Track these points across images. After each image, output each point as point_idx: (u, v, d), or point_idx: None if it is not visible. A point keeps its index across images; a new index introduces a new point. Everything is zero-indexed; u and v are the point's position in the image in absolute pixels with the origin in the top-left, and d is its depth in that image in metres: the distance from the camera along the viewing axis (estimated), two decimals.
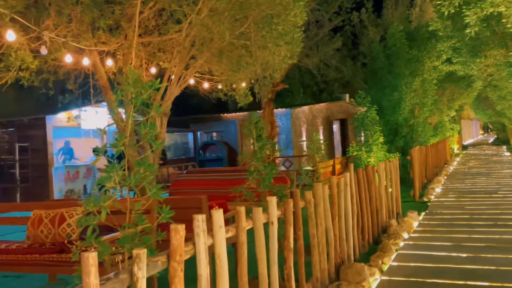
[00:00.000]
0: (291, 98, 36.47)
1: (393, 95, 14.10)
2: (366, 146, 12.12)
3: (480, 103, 34.94)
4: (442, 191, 12.48)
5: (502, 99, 19.48)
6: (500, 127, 36.99)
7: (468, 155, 27.09)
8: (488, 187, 12.63)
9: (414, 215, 8.66)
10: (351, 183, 6.34)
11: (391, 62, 14.49)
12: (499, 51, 10.52)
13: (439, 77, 16.42)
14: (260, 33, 8.98)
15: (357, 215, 6.53)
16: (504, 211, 8.94)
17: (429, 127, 16.56)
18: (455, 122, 29.20)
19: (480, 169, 17.84)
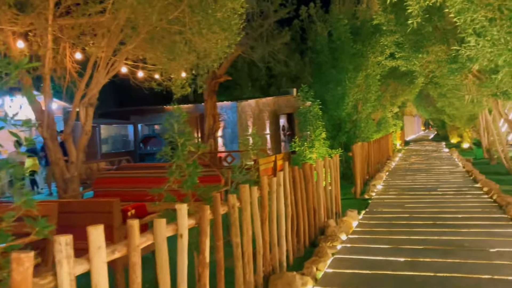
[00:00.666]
0: (239, 91, 35.90)
1: (336, 90, 13.85)
2: (308, 142, 11.76)
3: (422, 100, 35.85)
4: (383, 187, 12.35)
5: (443, 96, 19.80)
6: (440, 124, 38.21)
7: (410, 150, 27.65)
8: (428, 184, 12.63)
9: (353, 214, 8.34)
10: (286, 182, 5.85)
11: (335, 56, 14.23)
12: (441, 47, 10.41)
13: (383, 73, 16.38)
14: (195, 18, 8.32)
15: (292, 217, 6.05)
16: (443, 210, 8.80)
17: (372, 123, 16.52)
18: (398, 118, 29.74)
19: (421, 165, 18.06)
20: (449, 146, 29.54)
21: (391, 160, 19.66)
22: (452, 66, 10.07)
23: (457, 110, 21.19)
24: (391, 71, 18.17)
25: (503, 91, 9.56)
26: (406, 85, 19.29)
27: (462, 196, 10.27)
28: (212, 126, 15.81)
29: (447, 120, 28.69)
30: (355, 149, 11.38)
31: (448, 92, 16.31)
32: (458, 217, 8.04)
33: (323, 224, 7.41)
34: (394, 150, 24.91)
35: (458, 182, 12.54)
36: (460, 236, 6.72)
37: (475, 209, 8.73)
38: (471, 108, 16.53)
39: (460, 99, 16.34)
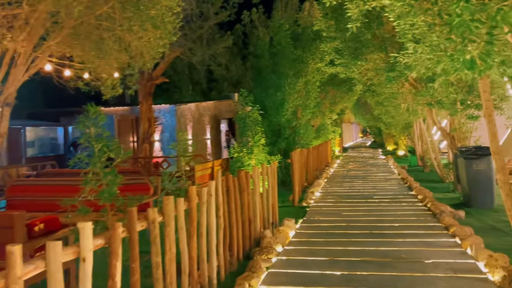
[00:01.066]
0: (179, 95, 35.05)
1: (276, 95, 13.65)
2: (247, 148, 11.42)
3: (360, 108, 36.78)
4: (321, 195, 12.25)
5: (380, 104, 20.23)
6: (377, 131, 39.37)
7: (348, 157, 28.14)
8: (365, 191, 12.68)
9: (291, 223, 8.06)
10: (218, 192, 5.43)
11: (275, 61, 14.04)
12: (379, 55, 10.46)
13: (322, 80, 16.43)
14: (126, 14, 7.74)
15: (225, 229, 5.64)
16: (379, 218, 8.74)
17: (312, 130, 16.50)
18: (337, 125, 30.24)
19: (358, 172, 18.28)
20: (385, 153, 30.41)
21: (330, 167, 19.79)
22: (389, 74, 10.11)
23: (393, 118, 21.76)
24: (330, 78, 18.29)
25: (437, 100, 9.71)
26: (345, 92, 19.54)
27: (398, 204, 10.32)
28: (147, 130, 15.10)
29: (383, 127, 29.51)
30: (293, 155, 11.18)
31: (385, 100, 16.63)
32: (394, 226, 7.97)
33: (259, 235, 7.06)
34: (333, 156, 25.19)
35: (394, 190, 12.68)
36: (396, 246, 6.59)
37: (411, 217, 8.73)
38: (406, 117, 16.95)
39: (396, 107, 16.70)
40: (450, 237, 6.99)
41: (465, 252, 6.14)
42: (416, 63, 5.90)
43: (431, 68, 5.82)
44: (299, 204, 11.01)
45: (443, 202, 9.98)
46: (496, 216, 8.72)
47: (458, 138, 10.62)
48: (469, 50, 3.50)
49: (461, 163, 9.90)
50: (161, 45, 8.59)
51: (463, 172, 9.85)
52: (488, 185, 9.53)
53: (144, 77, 14.45)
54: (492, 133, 5.00)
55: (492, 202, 9.52)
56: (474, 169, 9.56)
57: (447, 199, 10.99)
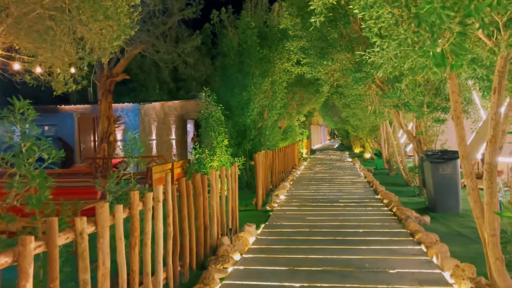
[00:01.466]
0: (145, 94, 34.29)
1: (242, 95, 13.22)
2: (210, 149, 10.94)
3: (328, 110, 36.80)
4: (286, 198, 11.89)
5: (347, 107, 20.11)
6: (344, 134, 39.51)
7: (315, 159, 28.00)
8: (330, 194, 12.40)
9: (251, 229, 7.65)
10: (168, 197, 4.95)
11: (241, 60, 13.61)
12: (346, 56, 10.19)
13: (289, 81, 16.12)
14: (75, 3, 7.17)
15: (175, 237, 5.17)
16: (344, 223, 8.42)
17: (278, 131, 16.11)
18: (305, 127, 30.10)
19: (325, 175, 18.06)
20: (352, 155, 30.45)
21: (297, 169, 19.51)
22: (356, 75, 9.85)
23: (360, 121, 21.70)
24: (297, 79, 18.01)
25: (404, 102, 9.49)
26: (312, 94, 19.30)
27: (363, 208, 10.06)
28: (106, 129, 14.42)
29: (350, 130, 29.53)
30: (257, 157, 10.78)
31: (352, 102, 16.46)
32: (359, 232, 7.67)
33: (216, 242, 6.60)
34: (300, 158, 24.97)
35: (360, 193, 12.45)
36: (360, 254, 6.26)
37: (376, 223, 8.46)
38: (373, 119, 16.83)
39: (363, 109, 16.56)
40: (416, 244, 6.72)
41: (431, 261, 5.86)
42: (383, 61, 5.58)
43: (397, 67, 5.52)
44: (263, 208, 10.62)
45: (409, 207, 9.78)
46: (461, 221, 8.55)
47: (424, 141, 10.46)
48: (439, 42, 3.16)
49: (427, 167, 9.72)
50: (115, 37, 8.03)
51: (429, 176, 9.67)
52: (454, 190, 9.38)
53: (104, 74, 13.77)
54: (460, 136, 4.72)
55: (458, 207, 9.37)
56: (440, 173, 9.39)
57: (413, 203, 10.82)
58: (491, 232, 4.34)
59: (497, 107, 4.08)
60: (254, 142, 14.10)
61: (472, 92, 10.51)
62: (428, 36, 3.58)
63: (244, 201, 11.28)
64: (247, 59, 13.52)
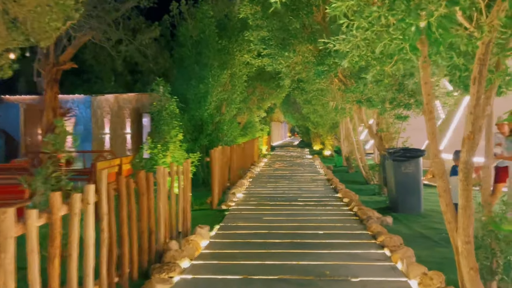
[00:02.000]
0: (100, 86, 32.98)
1: (199, 87, 12.51)
2: (162, 144, 10.19)
3: (289, 106, 36.57)
4: (244, 196, 11.33)
5: (308, 103, 19.77)
6: (304, 131, 39.38)
7: (275, 156, 27.61)
8: (289, 192, 11.92)
9: (204, 231, 7.02)
10: (103, 198, 4.26)
11: (198, 50, 12.89)
12: (308, 48, 9.70)
13: (250, 74, 15.54)
14: None
15: (111, 244, 4.48)
16: (303, 224, 7.93)
17: (237, 126, 15.48)
18: (266, 124, 29.64)
19: (285, 172, 17.63)
20: (312, 152, 30.28)
21: (256, 166, 19.00)
22: (319, 68, 9.39)
23: (321, 117, 21.42)
24: (258, 73, 17.46)
25: (367, 98, 9.09)
26: (273, 88, 18.78)
27: (323, 207, 9.62)
28: (52, 121, 13.35)
29: (311, 127, 29.33)
30: (213, 154, 10.13)
31: (313, 98, 16.08)
32: (318, 234, 7.19)
33: (163, 247, 5.94)
34: (259, 155, 24.49)
35: (319, 191, 12.04)
36: (320, 259, 5.76)
37: (336, 223, 8.01)
38: (334, 116, 16.51)
39: (324, 106, 16.21)
40: (379, 248, 6.29)
41: (396, 267, 5.43)
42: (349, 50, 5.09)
43: (364, 56, 5.04)
44: (218, 207, 10.00)
45: (369, 206, 9.44)
46: (424, 222, 8.24)
47: (386, 138, 10.13)
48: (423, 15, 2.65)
49: (389, 165, 9.39)
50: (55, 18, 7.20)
51: (391, 174, 9.34)
52: (416, 189, 9.08)
53: (49, 61, 12.73)
54: (431, 133, 4.27)
55: (420, 207, 9.08)
56: (402, 171, 9.06)
57: (373, 202, 10.50)
58: (465, 239, 3.91)
59: (477, 99, 3.63)
60: (211, 138, 13.43)
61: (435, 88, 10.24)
62: (404, 14, 3.08)
63: (199, 199, 10.64)
64: (205, 50, 12.82)
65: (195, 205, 10.12)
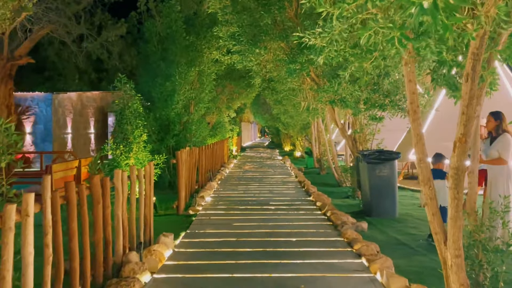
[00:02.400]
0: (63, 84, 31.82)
1: (165, 85, 11.91)
2: (125, 145, 9.58)
3: (259, 107, 36.21)
4: (212, 200, 10.82)
5: (278, 103, 19.42)
6: (275, 132, 39.09)
7: (245, 157, 27.16)
8: (260, 195, 11.48)
9: (168, 240, 6.49)
10: (47, 208, 3.69)
11: (165, 47, 12.30)
12: (279, 45, 9.28)
13: (219, 72, 15.02)
14: None
15: (58, 260, 3.91)
16: (275, 230, 7.50)
17: (206, 126, 14.92)
18: (236, 124, 29.15)
19: (255, 173, 17.20)
20: (282, 153, 29.98)
21: (226, 167, 18.49)
22: (291, 67, 8.98)
23: (292, 118, 21.10)
24: (228, 72, 16.96)
25: (341, 98, 8.74)
26: (243, 88, 18.30)
27: (295, 212, 9.22)
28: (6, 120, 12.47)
29: (281, 128, 29.02)
30: (180, 155, 9.58)
31: (285, 98, 15.71)
32: (291, 242, 6.77)
33: (121, 259, 5.38)
34: (229, 156, 24.00)
35: (291, 195, 11.65)
36: (294, 271, 5.32)
37: (310, 229, 7.62)
38: (305, 117, 16.17)
39: (295, 106, 15.87)
40: (356, 257, 5.91)
41: (375, 279, 5.05)
42: (325, 44, 4.70)
43: (341, 52, 4.66)
44: (185, 212, 9.46)
45: (343, 210, 9.11)
46: (399, 227, 7.93)
47: (360, 140, 9.82)
48: None
49: (364, 167, 9.06)
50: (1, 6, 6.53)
51: (365, 177, 9.02)
52: (390, 192, 8.79)
53: (3, 56, 11.86)
54: (417, 135, 3.90)
55: (395, 211, 8.79)
56: (377, 174, 8.75)
57: (346, 206, 10.18)
58: (455, 253, 3.54)
59: (470, 98, 3.27)
60: (178, 138, 12.84)
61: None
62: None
63: (164, 204, 10.07)
64: (172, 46, 12.23)
65: (160, 210, 9.55)
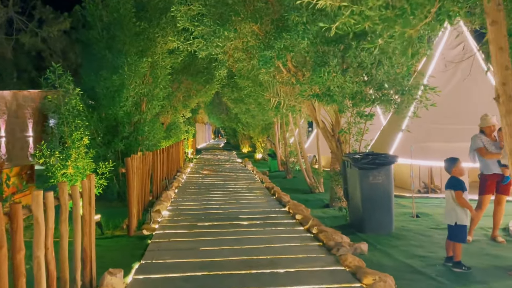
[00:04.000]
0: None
1: (112, 79, 10.03)
2: (61, 150, 7.71)
3: (214, 107, 34.49)
4: (170, 214, 9.09)
5: (240, 102, 17.86)
6: (231, 133, 37.44)
7: (202, 160, 25.37)
8: (227, 207, 9.85)
9: (116, 280, 4.77)
10: None
11: (111, 34, 10.40)
12: (252, 27, 7.70)
13: (175, 66, 13.24)
14: None
15: None
16: (253, 258, 5.90)
17: (161, 127, 13.04)
18: (190, 125, 27.25)
19: (215, 179, 15.52)
20: (240, 156, 28.40)
21: (182, 172, 16.69)
22: (265, 54, 7.42)
23: (253, 118, 19.57)
24: (185, 66, 15.18)
25: (326, 91, 7.26)
26: (202, 84, 16.51)
27: (273, 228, 7.67)
28: None
29: (240, 128, 27.46)
30: (130, 162, 7.78)
31: (249, 95, 14.16)
32: (279, 275, 5.20)
33: None
34: (185, 159, 22.15)
35: (262, 205, 10.09)
36: None
37: (297, 253, 6.08)
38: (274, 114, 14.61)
39: (261, 104, 14.33)
40: None
41: None
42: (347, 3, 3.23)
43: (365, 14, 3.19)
44: (138, 231, 7.69)
45: (326, 223, 7.73)
46: (403, 246, 6.54)
47: (346, 141, 8.38)
48: None
49: (353, 174, 7.64)
50: None
51: (355, 185, 7.60)
52: (386, 204, 7.41)
53: None
54: None
55: (391, 226, 7.42)
56: (370, 182, 7.35)
57: (329, 218, 8.75)
58: None
59: None
60: (129, 141, 10.98)
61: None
62: None
63: (113, 221, 8.25)
64: (119, 33, 10.36)
65: (106, 231, 7.73)
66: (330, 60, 6.79)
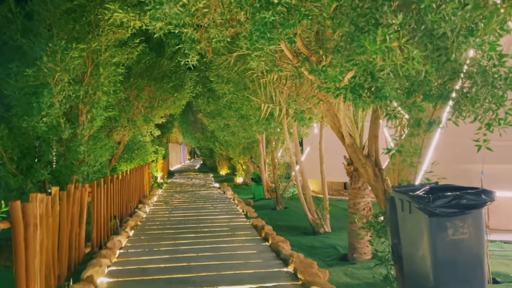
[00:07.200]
0: None
1: (27, 75, 6.68)
2: None
3: (188, 126, 31.21)
4: (111, 284, 5.73)
5: (217, 115, 14.65)
6: (208, 153, 34.05)
7: (173, 185, 21.88)
8: (201, 266, 6.53)
9: None
10: None
11: (29, 11, 7.11)
12: None
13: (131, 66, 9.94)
14: None
15: None
16: None
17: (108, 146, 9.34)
18: (162, 145, 23.76)
19: (187, 212, 12.14)
20: (218, 179, 25.01)
21: (145, 204, 13.27)
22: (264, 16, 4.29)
23: (233, 135, 16.32)
24: (146, 68, 11.91)
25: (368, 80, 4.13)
26: (169, 92, 13.01)
27: None
28: None
29: (217, 148, 24.18)
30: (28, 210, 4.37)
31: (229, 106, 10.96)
32: None
33: None
34: (153, 185, 18.66)
35: (252, 261, 6.80)
36: None
37: None
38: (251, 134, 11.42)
39: (244, 117, 11.14)
40: None
41: None
42: None
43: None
44: None
45: None
46: None
47: (396, 167, 5.17)
48: None
49: (414, 222, 4.45)
50: None
51: (419, 241, 4.41)
52: (476, 274, 4.24)
53: None
54: None
55: None
56: (450, 237, 4.18)
57: (360, 286, 5.55)
58: None
59: None
60: (59, 167, 7.58)
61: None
62: None
63: None
64: (41, 9, 7.08)
65: None
66: (388, 18, 3.70)
